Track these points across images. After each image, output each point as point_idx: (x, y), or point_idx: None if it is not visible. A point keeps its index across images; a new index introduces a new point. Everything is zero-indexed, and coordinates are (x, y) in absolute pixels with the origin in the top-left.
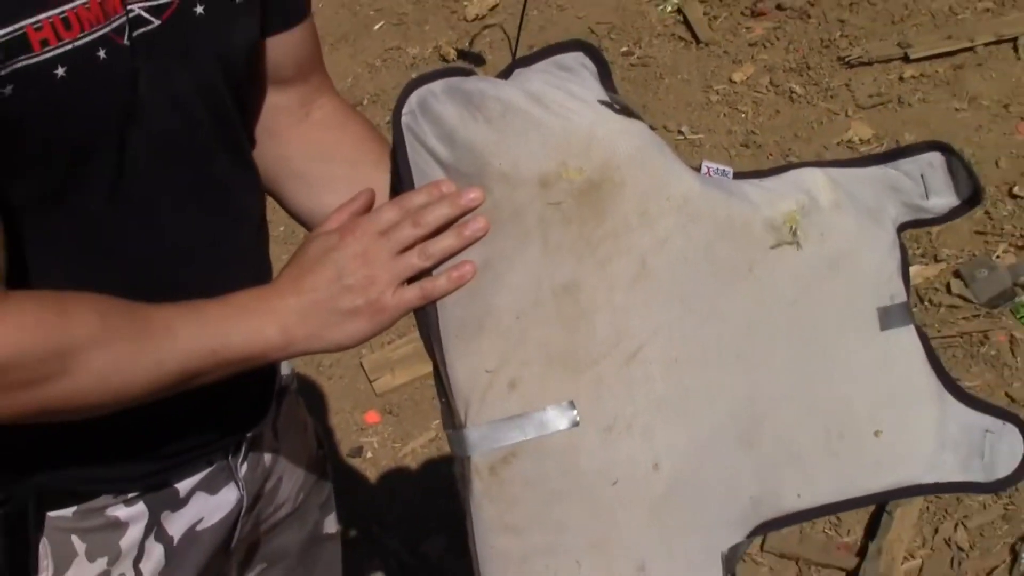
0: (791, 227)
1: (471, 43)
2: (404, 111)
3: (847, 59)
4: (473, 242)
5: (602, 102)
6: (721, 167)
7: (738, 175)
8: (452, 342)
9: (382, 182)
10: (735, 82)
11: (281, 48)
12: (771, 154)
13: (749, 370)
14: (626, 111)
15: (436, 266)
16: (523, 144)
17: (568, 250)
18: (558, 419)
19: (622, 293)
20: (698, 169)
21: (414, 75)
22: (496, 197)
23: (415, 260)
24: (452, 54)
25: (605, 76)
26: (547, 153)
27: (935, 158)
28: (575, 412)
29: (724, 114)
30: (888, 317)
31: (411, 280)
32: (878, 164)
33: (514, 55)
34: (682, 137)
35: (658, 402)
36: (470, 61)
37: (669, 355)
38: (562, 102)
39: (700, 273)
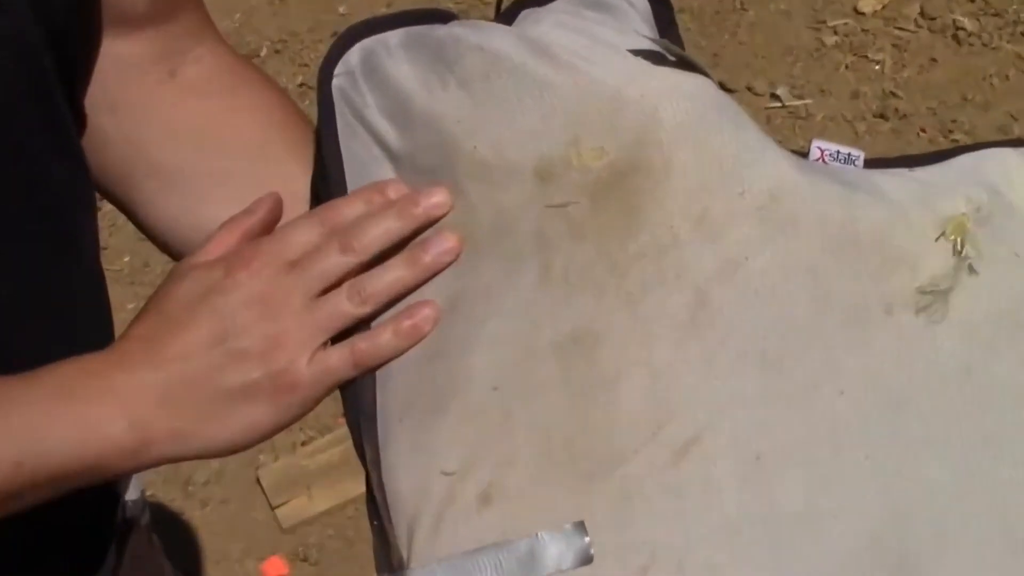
0: (956, 241)
1: None
2: (337, 72)
3: None
4: (435, 273)
5: (643, 51)
6: (844, 150)
7: (872, 163)
8: (394, 431)
9: (294, 182)
10: (863, 14)
11: None
12: (924, 129)
13: (889, 476)
14: (683, 63)
15: (378, 313)
16: (514, 117)
17: (580, 280)
18: (559, 553)
19: (667, 348)
20: (803, 154)
21: (342, 10)
22: (471, 200)
23: (345, 306)
24: None
25: (663, 16)
26: (550, 129)
27: None
28: (587, 541)
29: (846, 66)
30: None
31: (338, 337)
32: None
33: None
34: (777, 104)
35: (730, 529)
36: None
37: (746, 450)
38: (579, 51)
39: (798, 317)
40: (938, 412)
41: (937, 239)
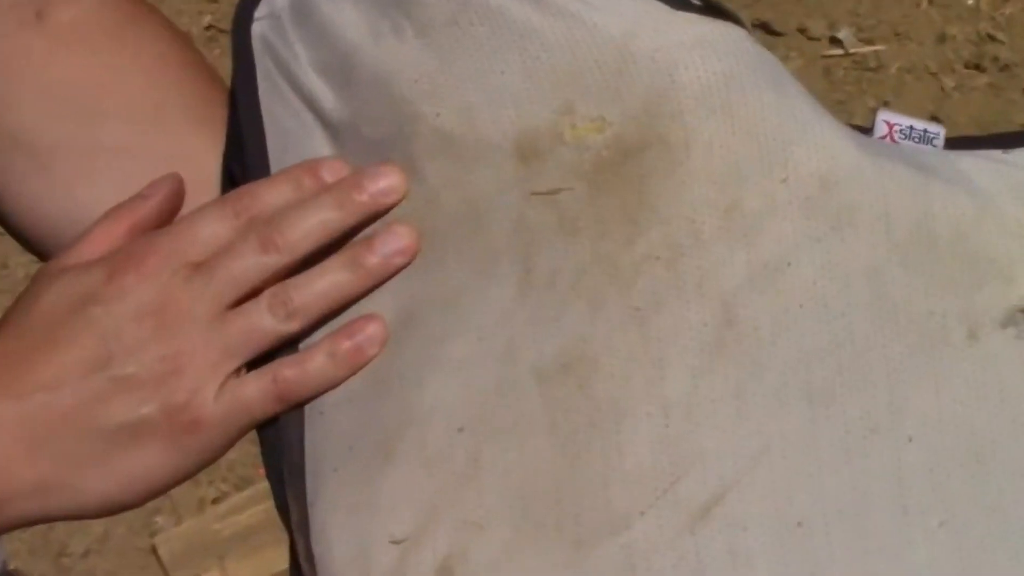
0: None
1: None
2: (258, 15)
3: None
4: (383, 280)
5: None
6: (920, 124)
7: (956, 142)
8: (327, 484)
9: (199, 158)
10: None
11: None
12: None
13: (970, 548)
14: (710, 7)
15: (310, 330)
16: (489, 76)
17: (572, 288)
18: None
19: (683, 379)
20: (866, 130)
21: None
22: (431, 184)
23: (265, 320)
24: None
25: None
26: (536, 92)
27: None
28: None
29: (930, 0)
30: None
31: (257, 362)
32: None
33: None
34: (839, 51)
35: None
36: None
37: (785, 513)
38: None
39: (856, 340)
40: None
41: None
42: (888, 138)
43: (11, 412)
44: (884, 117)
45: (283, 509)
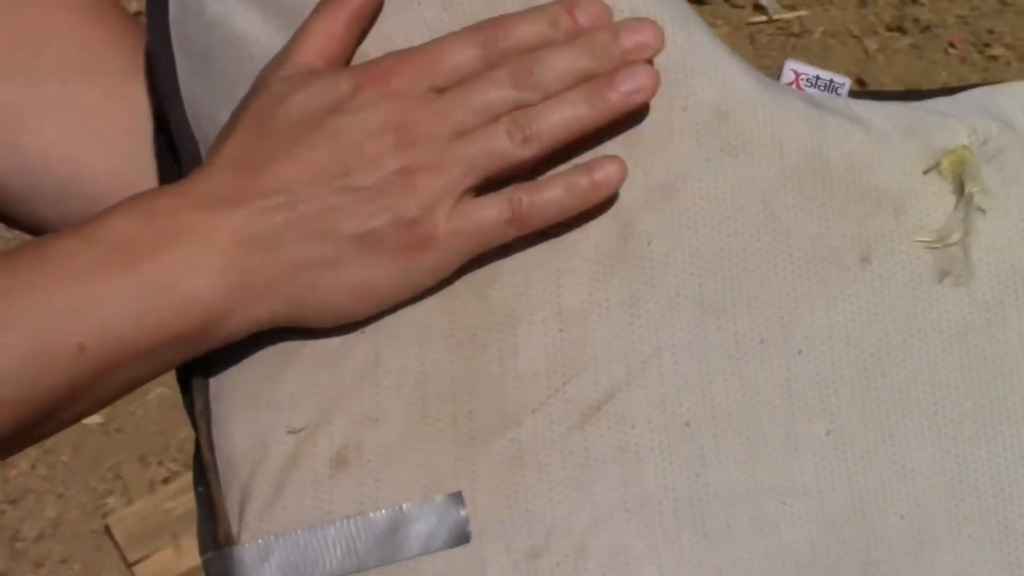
0: (953, 174)
1: None
2: None
3: None
4: (622, 115)
5: None
6: (826, 75)
7: (861, 95)
8: (230, 376)
9: (135, 106)
10: None
11: None
12: (953, 44)
13: (854, 457)
14: None
15: (542, 163)
16: (406, 5)
17: None
18: (429, 529)
19: (580, 286)
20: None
21: None
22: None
23: (502, 142)
24: None
25: None
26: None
27: None
28: (464, 515)
29: None
30: None
31: (480, 192)
32: None
33: None
34: (762, 18)
35: (647, 508)
36: None
37: (674, 413)
38: None
39: (748, 256)
40: (921, 382)
41: (927, 172)
42: (794, 85)
43: (244, 217)
44: (791, 66)
45: (189, 399)
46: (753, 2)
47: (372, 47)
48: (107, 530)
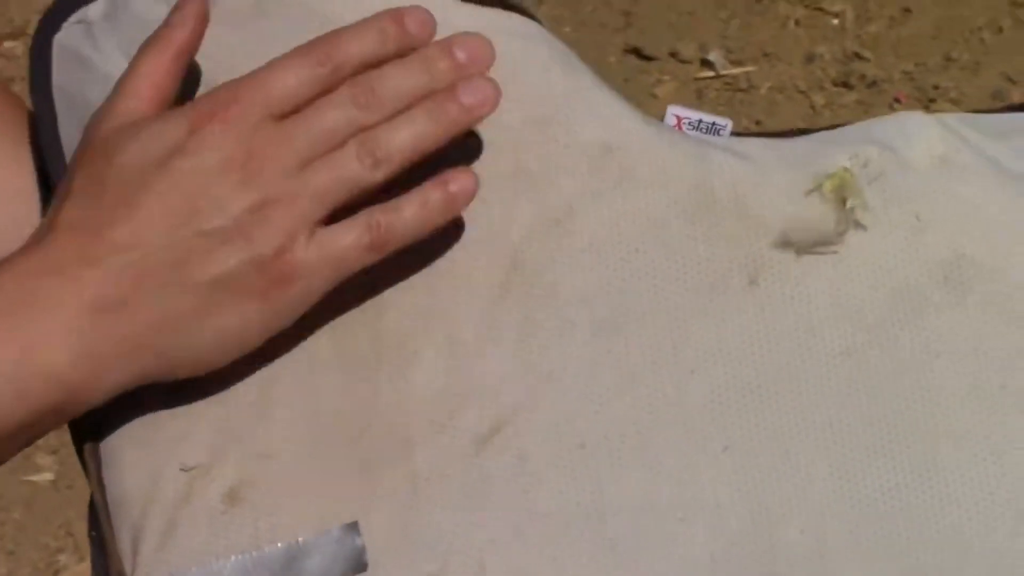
0: (835, 195)
1: None
2: (68, 23)
3: None
4: (466, 128)
5: None
6: (708, 118)
7: (743, 134)
8: (120, 420)
9: (14, 171)
10: None
11: None
12: (898, 99)
13: (752, 470)
14: (506, 5)
15: (393, 183)
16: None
17: None
18: (326, 560)
19: (472, 317)
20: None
21: None
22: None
23: (353, 167)
24: None
25: None
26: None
27: None
28: (361, 544)
29: (796, 21)
30: None
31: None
32: None
33: None
34: (710, 73)
35: (545, 527)
36: None
37: (568, 436)
38: None
39: (638, 281)
40: (813, 399)
41: (808, 193)
42: (676, 128)
43: (93, 277)
44: (674, 111)
45: (77, 441)
46: (701, 58)
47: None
48: None
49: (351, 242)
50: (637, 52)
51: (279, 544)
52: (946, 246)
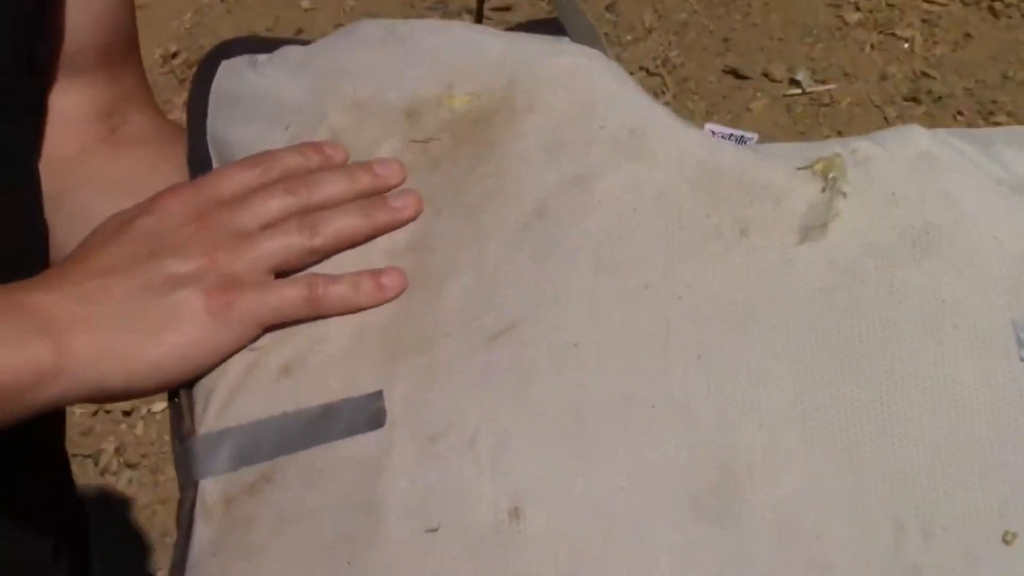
0: (824, 173)
1: None
2: (242, 56)
3: None
4: (391, 230)
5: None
6: (737, 132)
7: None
8: None
9: None
10: None
11: (79, 11)
12: (961, 112)
13: (721, 375)
14: (588, 40)
15: (326, 255)
16: (399, 67)
17: (425, 201)
18: (351, 417)
19: (497, 249)
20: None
21: (305, 4)
22: (335, 127)
23: (294, 236)
24: None
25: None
26: (431, 76)
27: None
28: (382, 406)
29: (872, 45)
30: None
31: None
32: None
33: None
34: (798, 91)
35: (533, 409)
36: None
37: (564, 339)
38: (483, 29)
39: (642, 229)
40: (784, 326)
41: (800, 168)
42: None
43: (71, 293)
44: (709, 127)
45: None
46: (789, 77)
47: (365, 92)
48: None
49: (292, 295)
50: (734, 72)
51: (316, 404)
52: (917, 216)
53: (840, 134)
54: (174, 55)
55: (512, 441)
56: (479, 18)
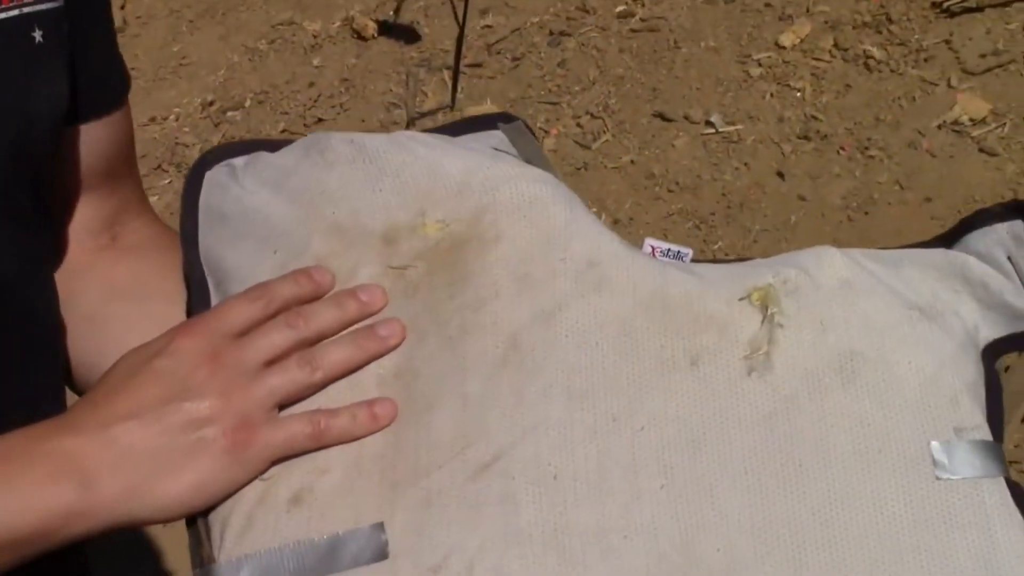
0: (760, 303)
1: (397, 10)
2: (220, 164)
3: (946, 4)
4: (383, 355)
5: (502, 150)
6: (674, 247)
7: (698, 260)
8: None
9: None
10: (784, 47)
11: (89, 138)
12: (843, 147)
13: (682, 503)
14: (536, 165)
15: (324, 386)
16: (371, 191)
17: (408, 327)
18: (358, 549)
19: (478, 381)
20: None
21: (316, 62)
22: (319, 255)
23: (295, 372)
24: (371, 28)
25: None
26: (402, 202)
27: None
28: (384, 539)
29: (771, 94)
30: (952, 457)
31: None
32: (938, 246)
33: (462, 26)
34: (712, 130)
35: (521, 539)
36: (399, 36)
37: (545, 470)
38: (438, 146)
39: (606, 361)
40: (734, 451)
41: (740, 300)
42: (651, 255)
43: (101, 437)
44: (650, 242)
45: None
46: (705, 119)
47: (344, 217)
48: None
49: (297, 430)
50: (661, 116)
51: (325, 536)
52: (843, 344)
53: (746, 166)
54: (211, 103)
55: (506, 570)
56: (455, 75)
